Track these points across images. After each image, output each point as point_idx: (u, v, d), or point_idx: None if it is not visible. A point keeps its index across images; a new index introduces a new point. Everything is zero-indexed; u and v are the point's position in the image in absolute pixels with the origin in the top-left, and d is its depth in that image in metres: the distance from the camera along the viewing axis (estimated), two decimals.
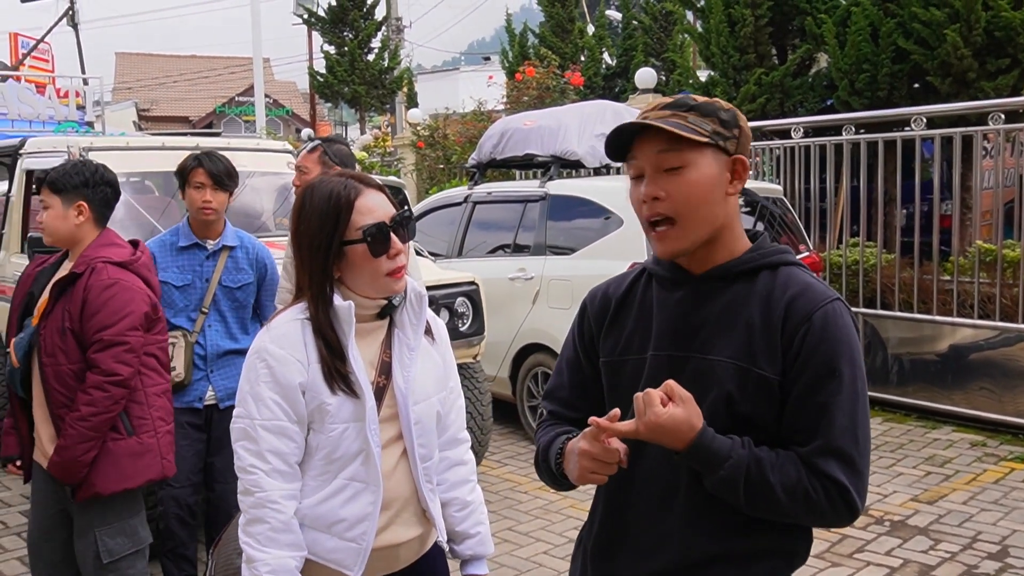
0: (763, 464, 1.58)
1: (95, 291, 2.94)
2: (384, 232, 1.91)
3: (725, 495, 1.60)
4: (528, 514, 5.18)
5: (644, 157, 1.66)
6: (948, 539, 4.68)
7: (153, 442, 3.06)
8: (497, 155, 7.53)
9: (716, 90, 10.34)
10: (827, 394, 1.58)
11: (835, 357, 1.59)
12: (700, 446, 1.56)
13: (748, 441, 1.60)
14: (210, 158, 3.81)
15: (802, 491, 1.57)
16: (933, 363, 7.15)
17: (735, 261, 1.69)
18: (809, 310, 1.61)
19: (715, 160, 1.64)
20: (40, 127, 14.86)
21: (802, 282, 1.66)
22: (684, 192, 1.62)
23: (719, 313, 1.67)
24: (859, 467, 1.59)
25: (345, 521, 1.93)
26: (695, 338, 1.68)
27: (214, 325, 3.85)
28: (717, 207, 1.65)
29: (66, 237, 3.08)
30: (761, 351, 1.61)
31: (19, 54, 21.72)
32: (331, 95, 23.84)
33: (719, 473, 1.57)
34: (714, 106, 1.67)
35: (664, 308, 1.73)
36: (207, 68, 39.85)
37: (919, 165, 7.19)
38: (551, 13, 20.18)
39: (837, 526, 1.65)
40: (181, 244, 3.83)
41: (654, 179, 1.65)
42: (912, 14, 8.45)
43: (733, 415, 1.62)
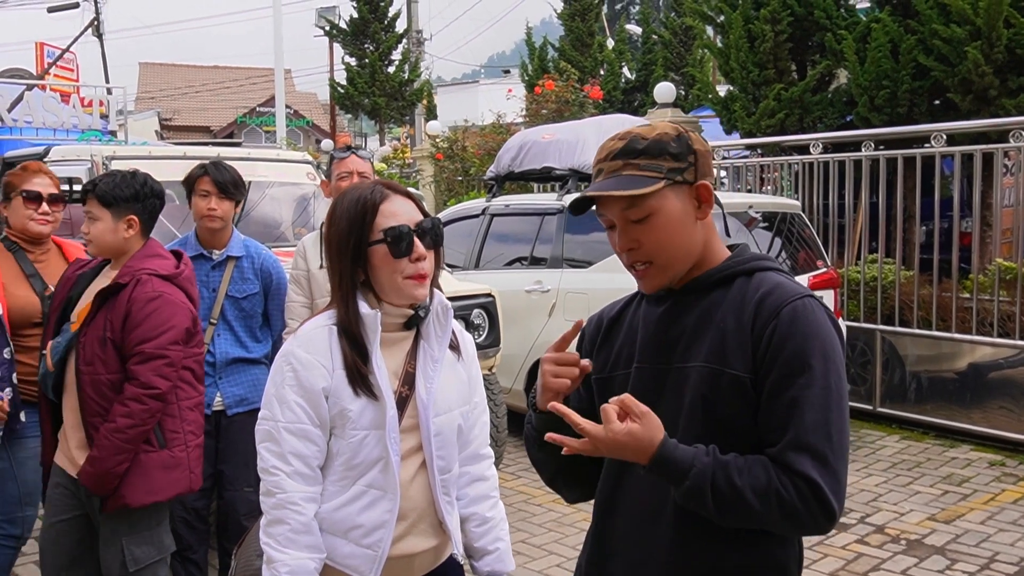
0: (729, 469, 1.55)
1: (139, 303, 2.92)
2: (405, 235, 1.94)
3: (695, 506, 1.58)
4: (541, 527, 5.18)
5: (609, 212, 1.70)
6: (965, 559, 4.65)
7: (184, 456, 3.05)
8: (515, 168, 7.56)
9: (735, 105, 10.35)
10: (797, 389, 1.56)
11: (805, 351, 1.57)
12: (661, 458, 1.55)
13: (713, 448, 1.58)
14: (216, 167, 3.86)
15: (773, 492, 1.53)
16: (952, 381, 7.11)
17: (712, 271, 1.71)
18: (777, 306, 1.61)
19: (676, 197, 1.66)
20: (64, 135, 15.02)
21: (774, 282, 1.66)
22: (655, 239, 1.66)
23: (695, 322, 1.69)
24: (832, 465, 1.54)
25: (362, 528, 1.95)
26: (675, 349, 1.70)
27: (223, 334, 3.88)
28: (691, 238, 1.69)
29: (114, 249, 3.06)
30: (732, 351, 1.62)
31: (45, 63, 21.97)
32: (351, 106, 24.02)
33: (684, 483, 1.55)
34: (662, 143, 1.67)
35: (648, 323, 1.76)
36: (229, 78, 40.18)
37: (939, 182, 7.16)
38: (571, 27, 20.27)
39: (815, 531, 1.60)
40: (188, 254, 3.85)
41: (625, 231, 1.68)
42: (933, 31, 8.43)
43: (711, 419, 1.62)
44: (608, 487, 1.79)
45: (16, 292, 3.51)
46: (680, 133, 1.70)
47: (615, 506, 1.77)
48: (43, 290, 3.54)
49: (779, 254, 6.58)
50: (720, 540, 1.64)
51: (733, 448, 1.61)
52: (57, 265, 3.62)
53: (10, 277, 3.53)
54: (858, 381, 7.45)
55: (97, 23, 24.19)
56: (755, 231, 6.52)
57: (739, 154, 10.19)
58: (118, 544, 3.00)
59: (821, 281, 6.52)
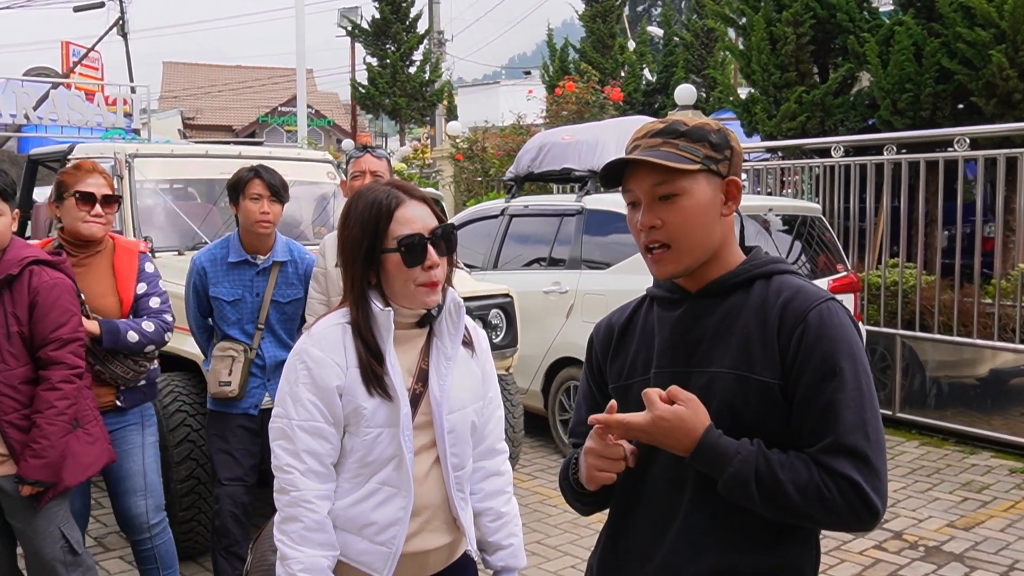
0: (771, 461, 1.56)
1: (44, 292, 3.01)
2: (419, 244, 1.94)
3: (738, 496, 1.58)
4: (557, 527, 5.18)
5: (638, 187, 1.68)
6: (984, 566, 4.61)
7: (98, 431, 3.22)
8: (535, 169, 7.56)
9: (756, 108, 10.30)
10: (830, 392, 1.56)
11: (834, 354, 1.58)
12: (706, 444, 1.56)
13: (758, 441, 1.59)
14: (267, 170, 3.82)
15: (814, 489, 1.53)
16: (972, 387, 7.05)
17: (729, 274, 1.70)
18: (803, 310, 1.61)
19: (708, 184, 1.67)
20: (88, 133, 15.16)
21: (795, 286, 1.67)
22: (679, 220, 1.65)
23: (716, 326, 1.68)
24: (874, 464, 1.55)
25: (376, 524, 1.96)
26: (695, 353, 1.69)
27: (267, 338, 3.88)
28: (712, 230, 1.68)
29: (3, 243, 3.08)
30: (759, 357, 1.62)
31: (70, 62, 22.19)
32: (372, 107, 24.11)
33: (728, 470, 1.56)
34: (704, 130, 1.68)
35: (664, 327, 1.75)
36: (251, 78, 40.42)
37: (961, 186, 7.11)
38: (592, 28, 20.27)
39: (859, 528, 1.61)
40: (231, 260, 3.83)
41: (650, 208, 1.67)
42: (957, 34, 8.37)
43: (738, 425, 1.62)
44: (627, 489, 1.78)
45: None
46: (721, 128, 1.71)
47: (633, 508, 1.77)
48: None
49: (799, 257, 6.55)
50: (733, 543, 1.64)
51: None
52: (102, 268, 3.48)
53: None
54: (877, 386, 7.30)
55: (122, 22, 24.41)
56: (775, 234, 6.50)
57: (760, 157, 10.15)
58: (57, 533, 3.09)
59: (841, 285, 6.49)
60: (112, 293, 3.44)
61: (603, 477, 1.67)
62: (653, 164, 1.64)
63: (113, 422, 3.45)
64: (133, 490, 3.53)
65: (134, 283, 3.48)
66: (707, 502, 1.64)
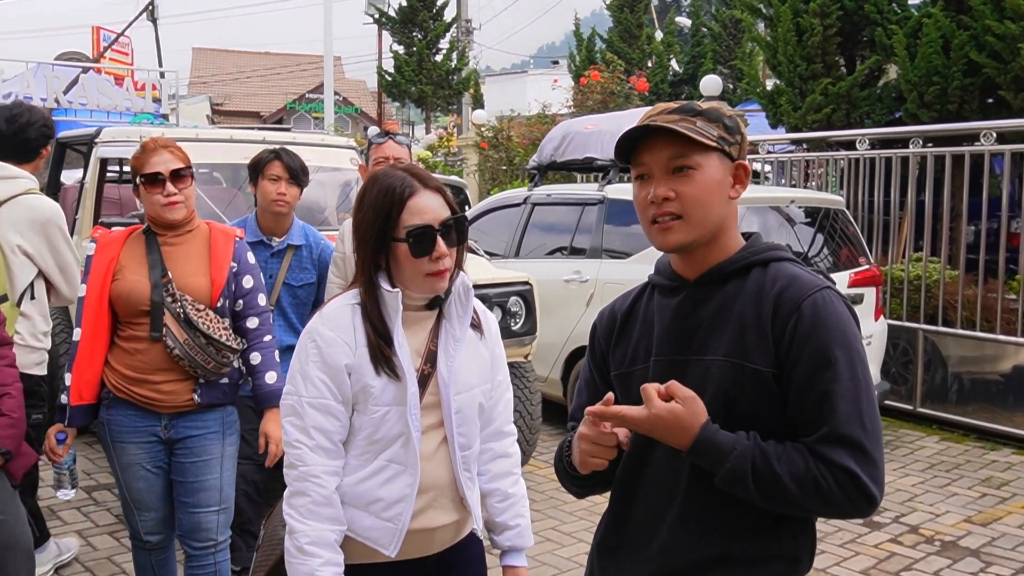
0: (768, 455, 1.57)
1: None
2: (428, 235, 1.97)
3: (736, 490, 1.59)
4: (572, 515, 5.21)
5: (653, 160, 1.69)
6: (1000, 562, 4.59)
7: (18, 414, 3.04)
8: (558, 158, 7.58)
9: (781, 99, 10.24)
10: (826, 382, 1.57)
11: (829, 344, 1.59)
12: (703, 440, 1.57)
13: (754, 435, 1.60)
14: (287, 152, 3.85)
15: (811, 480, 1.55)
16: (995, 383, 7.00)
17: (727, 261, 1.72)
18: (798, 299, 1.62)
19: (720, 164, 1.69)
20: (117, 118, 15.30)
21: (790, 274, 1.68)
22: (693, 193, 1.66)
23: (713, 313, 1.70)
24: (870, 453, 1.56)
25: (382, 501, 2.00)
26: (692, 341, 1.70)
27: (277, 321, 3.86)
28: (719, 210, 1.70)
29: None
30: (753, 346, 1.63)
31: (101, 47, 22.38)
32: (398, 94, 24.18)
33: (725, 466, 1.57)
34: (719, 112, 1.72)
35: (663, 315, 1.76)
36: (279, 65, 40.59)
37: (987, 181, 7.04)
38: (620, 18, 20.20)
39: (856, 515, 1.63)
40: (248, 240, 3.86)
41: (663, 180, 1.68)
42: (986, 27, 8.27)
43: (732, 413, 1.63)
44: (626, 475, 1.80)
45: (129, 276, 3.10)
46: (733, 113, 1.75)
47: (632, 495, 1.79)
48: (160, 277, 3.09)
49: (820, 250, 6.52)
50: (728, 530, 1.66)
51: None
52: (196, 248, 3.21)
53: (132, 261, 3.14)
54: (899, 380, 7.37)
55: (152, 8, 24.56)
56: (797, 226, 6.48)
57: (784, 149, 10.09)
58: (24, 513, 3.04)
59: (863, 278, 6.46)
60: (204, 273, 3.18)
61: (595, 463, 1.69)
62: (669, 138, 1.66)
63: (193, 427, 3.17)
64: (208, 503, 3.23)
65: (227, 267, 3.22)
66: (703, 489, 1.66)
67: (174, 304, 3.07)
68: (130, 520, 3.29)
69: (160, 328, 3.05)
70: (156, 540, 3.28)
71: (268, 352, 3.29)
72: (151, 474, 3.17)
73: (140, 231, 3.22)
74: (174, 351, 3.06)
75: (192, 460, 3.18)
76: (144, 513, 3.23)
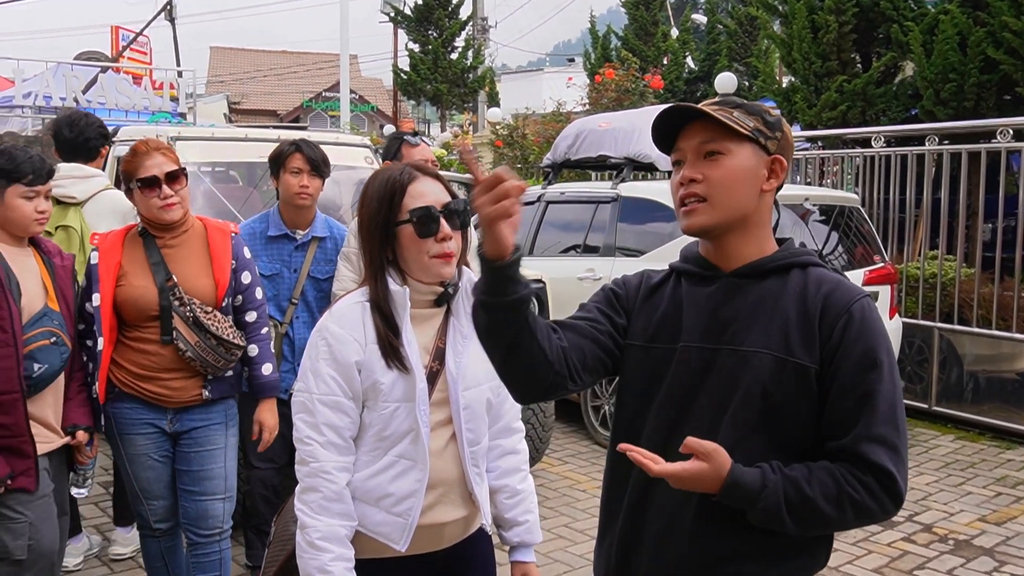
0: (799, 482, 1.60)
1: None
2: (432, 215, 2.01)
3: (773, 525, 1.61)
4: (585, 512, 5.23)
5: (687, 145, 1.74)
6: (1014, 561, 4.57)
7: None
8: (572, 156, 7.59)
9: (796, 96, 10.21)
10: (870, 383, 1.62)
11: (875, 347, 1.64)
12: (732, 486, 1.59)
13: (777, 465, 1.62)
14: (308, 144, 3.85)
15: (846, 496, 1.59)
16: (1011, 382, 6.96)
17: (767, 258, 1.75)
18: (846, 303, 1.67)
19: (754, 154, 1.72)
20: (135, 117, 15.40)
21: (834, 279, 1.73)
22: (719, 176, 1.70)
23: (751, 306, 1.71)
24: (902, 454, 1.62)
25: (392, 496, 2.03)
26: (725, 331, 1.72)
27: (301, 316, 3.89)
28: (749, 198, 1.72)
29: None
30: (797, 342, 1.66)
31: (119, 46, 22.53)
32: (414, 92, 24.21)
33: (758, 506, 1.60)
34: (760, 108, 1.76)
35: (694, 303, 1.77)
36: (296, 63, 40.72)
37: (1003, 178, 7.00)
38: (635, 16, 20.16)
39: (884, 519, 1.67)
40: (271, 233, 3.86)
41: (694, 163, 1.73)
42: (1003, 23, 8.22)
43: (766, 406, 1.65)
44: (641, 480, 1.78)
45: (134, 283, 3.14)
46: (780, 117, 1.78)
47: (647, 491, 1.78)
48: (165, 281, 3.14)
49: (835, 248, 6.50)
50: (748, 525, 1.66)
51: (782, 434, 1.65)
52: (195, 249, 3.25)
53: (134, 266, 3.17)
54: (914, 379, 7.34)
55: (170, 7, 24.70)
56: (812, 224, 6.46)
57: (799, 146, 10.06)
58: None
59: (877, 276, 6.44)
60: (207, 274, 3.23)
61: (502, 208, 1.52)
62: (704, 124, 1.71)
63: (198, 419, 3.24)
64: (214, 491, 3.28)
65: (229, 265, 3.27)
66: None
67: (183, 308, 3.13)
68: (139, 510, 3.35)
69: (171, 332, 3.13)
70: (165, 527, 3.35)
71: (264, 345, 3.41)
72: (158, 463, 3.24)
73: (136, 232, 3.25)
74: (186, 353, 3.14)
75: (197, 450, 3.26)
76: (153, 501, 3.29)
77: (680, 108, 1.74)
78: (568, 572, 4.43)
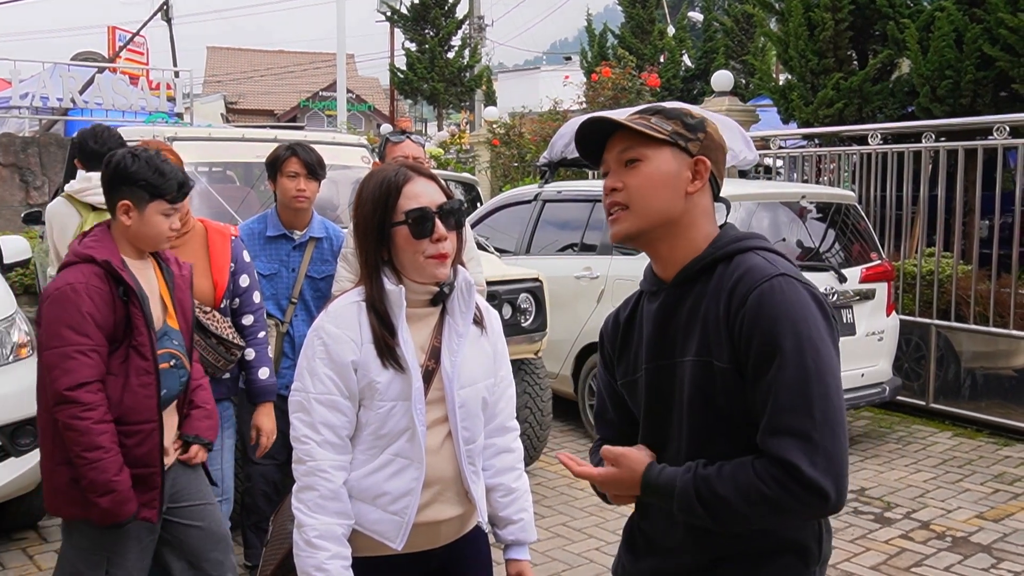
0: (710, 481, 1.59)
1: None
2: (426, 216, 2.02)
3: (693, 520, 1.64)
4: (583, 510, 5.23)
5: (609, 155, 1.77)
6: (1012, 558, 4.58)
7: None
8: (568, 154, 7.57)
9: (793, 94, 10.22)
10: (771, 372, 1.57)
11: (774, 334, 1.57)
12: (646, 487, 1.66)
13: (696, 464, 1.63)
14: (303, 148, 3.89)
15: (754, 491, 1.55)
16: (1008, 379, 6.97)
17: (693, 260, 1.73)
18: (746, 293, 1.62)
19: (674, 158, 1.72)
20: (132, 117, 15.39)
21: (745, 266, 1.67)
22: (638, 183, 1.71)
23: (687, 314, 1.72)
24: (817, 442, 1.52)
25: (389, 495, 2.04)
26: (674, 344, 1.73)
27: (299, 314, 3.94)
28: (671, 202, 1.71)
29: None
30: (716, 343, 1.65)
31: (116, 46, 22.52)
32: (411, 91, 24.21)
33: (673, 505, 1.63)
34: (681, 112, 1.77)
35: (649, 320, 1.79)
36: (293, 63, 40.70)
37: (1000, 175, 7.01)
38: (632, 14, 20.15)
39: (812, 514, 1.62)
40: (269, 234, 3.92)
41: (615, 172, 1.75)
42: (999, 20, 8.22)
43: (710, 411, 1.67)
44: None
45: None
46: (701, 116, 1.78)
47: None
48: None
49: (832, 245, 6.51)
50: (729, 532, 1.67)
51: (736, 439, 1.64)
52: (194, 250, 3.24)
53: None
54: (911, 376, 7.35)
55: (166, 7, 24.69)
56: (808, 222, 6.47)
57: (796, 144, 10.06)
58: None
59: (874, 274, 6.45)
60: (206, 276, 3.25)
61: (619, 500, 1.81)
62: (623, 134, 1.73)
63: None
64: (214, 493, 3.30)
65: (228, 267, 3.31)
66: None
67: None
68: None
69: None
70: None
71: (261, 348, 3.41)
72: None
73: None
74: None
75: None
76: None
77: (595, 120, 1.76)
78: (566, 570, 4.44)
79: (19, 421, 4.25)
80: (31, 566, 4.40)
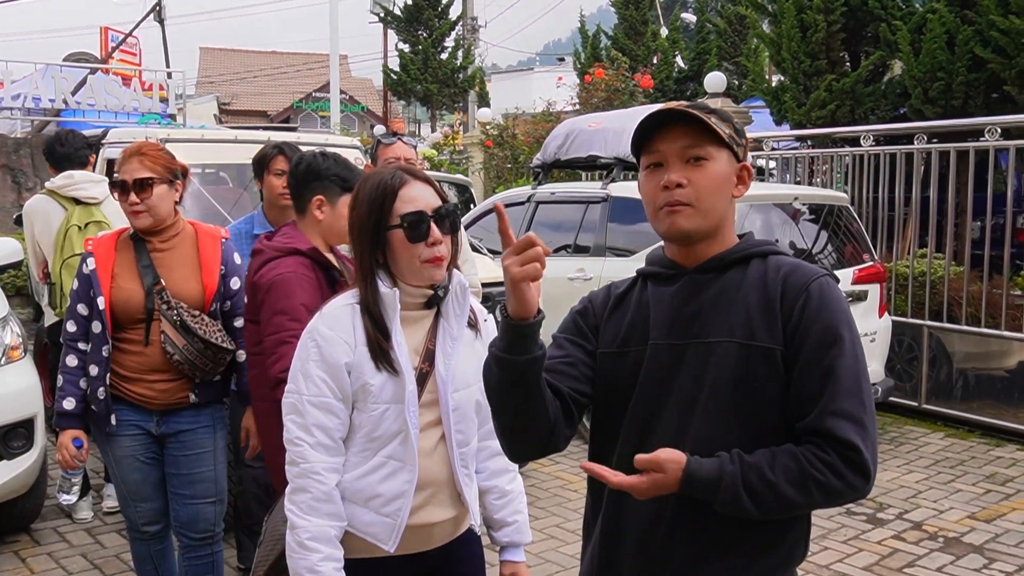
0: (760, 468, 1.60)
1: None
2: (422, 220, 2.02)
3: (736, 514, 1.62)
4: (576, 512, 5.23)
5: (669, 148, 1.73)
6: (1003, 559, 4.59)
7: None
8: (561, 156, 7.60)
9: (786, 96, 10.25)
10: (831, 358, 1.63)
11: (835, 323, 1.65)
12: (688, 482, 1.60)
13: (737, 454, 1.62)
14: (290, 147, 3.90)
15: (809, 478, 1.58)
16: (1000, 379, 6.99)
17: (727, 251, 1.77)
18: (804, 282, 1.69)
19: (729, 161, 1.75)
20: (125, 118, 15.34)
21: (792, 263, 1.75)
22: (705, 182, 1.72)
23: (714, 298, 1.73)
24: (868, 428, 1.61)
25: (381, 497, 2.04)
26: (692, 326, 1.73)
27: None
28: (726, 205, 1.76)
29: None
30: (760, 326, 1.67)
31: (108, 47, 22.45)
32: (404, 93, 24.22)
33: (719, 497, 1.60)
34: (728, 114, 1.79)
35: (660, 302, 1.78)
36: (286, 64, 40.64)
37: (992, 176, 7.03)
38: (625, 15, 20.18)
39: (854, 499, 1.66)
40: (255, 232, 3.89)
41: (678, 167, 1.72)
42: (990, 22, 8.26)
43: (738, 395, 1.66)
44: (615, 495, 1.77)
45: (123, 285, 3.13)
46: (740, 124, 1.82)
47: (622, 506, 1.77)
48: (152, 284, 3.12)
49: (825, 247, 6.53)
50: (723, 522, 1.67)
51: (757, 424, 1.66)
52: (184, 253, 3.24)
53: (124, 269, 3.16)
54: (903, 377, 7.36)
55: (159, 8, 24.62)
56: (801, 223, 6.48)
57: (789, 145, 10.09)
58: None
59: (867, 275, 6.46)
60: (195, 279, 3.23)
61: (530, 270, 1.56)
62: (686, 128, 1.71)
63: (186, 423, 3.23)
64: (205, 495, 3.29)
65: (218, 270, 3.27)
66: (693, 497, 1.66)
67: (170, 311, 3.13)
68: (127, 513, 3.35)
69: (149, 335, 3.13)
70: (155, 530, 3.34)
71: None
72: (146, 465, 3.23)
73: (127, 235, 3.24)
74: (174, 356, 3.13)
75: (186, 453, 3.25)
76: (141, 504, 3.28)
77: (672, 111, 1.72)
78: (559, 572, 4.44)
79: (12, 424, 4.23)
80: (24, 569, 4.39)
